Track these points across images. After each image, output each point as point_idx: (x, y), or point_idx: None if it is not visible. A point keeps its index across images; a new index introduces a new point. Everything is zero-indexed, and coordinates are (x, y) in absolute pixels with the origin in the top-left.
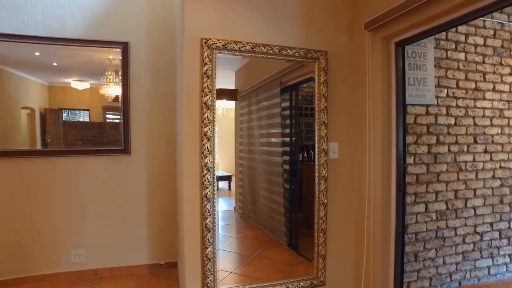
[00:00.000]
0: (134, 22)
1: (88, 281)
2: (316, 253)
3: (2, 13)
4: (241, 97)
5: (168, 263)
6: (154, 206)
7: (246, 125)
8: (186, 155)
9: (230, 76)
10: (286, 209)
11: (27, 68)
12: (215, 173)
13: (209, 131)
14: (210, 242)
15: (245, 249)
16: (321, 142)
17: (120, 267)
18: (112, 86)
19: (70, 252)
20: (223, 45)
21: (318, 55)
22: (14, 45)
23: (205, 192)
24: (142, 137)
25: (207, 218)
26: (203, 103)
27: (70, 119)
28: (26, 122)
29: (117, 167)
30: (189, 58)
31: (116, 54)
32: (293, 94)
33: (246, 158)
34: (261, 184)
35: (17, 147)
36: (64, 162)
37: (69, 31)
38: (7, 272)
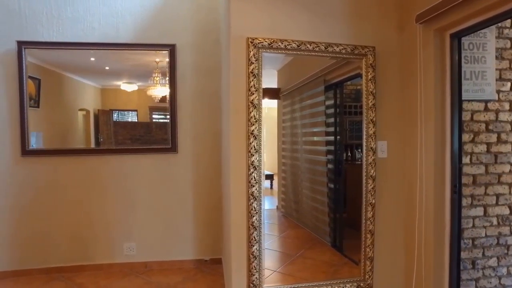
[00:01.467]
0: (180, 25)
1: (139, 272)
2: (363, 255)
3: (66, 24)
4: (283, 96)
5: (212, 259)
6: (199, 203)
7: (289, 124)
8: (233, 153)
9: (272, 75)
10: (330, 209)
11: (84, 73)
12: (262, 171)
13: (255, 129)
14: (256, 240)
15: (288, 248)
16: (369, 141)
17: (168, 261)
18: (159, 87)
19: (122, 245)
20: (269, 44)
21: (366, 51)
22: (73, 52)
23: (252, 190)
24: (188, 136)
25: (254, 216)
26: (250, 102)
27: (120, 120)
28: (82, 123)
29: (165, 165)
30: (235, 58)
31: (163, 56)
32: (338, 92)
33: (289, 157)
34: (304, 183)
35: (75, 146)
36: (116, 160)
37: (121, 36)
38: (70, 259)
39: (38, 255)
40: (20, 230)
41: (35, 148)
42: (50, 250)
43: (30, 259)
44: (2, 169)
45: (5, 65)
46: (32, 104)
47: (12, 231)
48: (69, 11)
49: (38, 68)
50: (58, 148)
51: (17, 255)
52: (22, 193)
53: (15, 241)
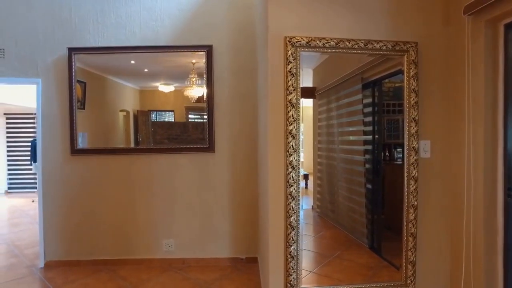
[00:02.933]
0: (216, 26)
1: (177, 268)
2: (404, 259)
3: (110, 30)
4: (319, 95)
5: (248, 258)
6: (236, 202)
7: (324, 123)
8: (271, 153)
9: (308, 74)
10: (368, 210)
11: (124, 75)
12: (300, 171)
13: (293, 129)
14: (293, 240)
15: (324, 249)
16: (411, 140)
17: (204, 258)
18: (195, 88)
19: (162, 241)
20: (307, 42)
21: (408, 47)
22: (115, 56)
23: (290, 190)
24: (225, 136)
25: (291, 216)
26: (288, 102)
27: (158, 120)
28: (123, 123)
29: (202, 164)
30: (273, 57)
31: (199, 57)
32: (376, 90)
33: (324, 157)
34: (340, 183)
35: (116, 145)
36: (155, 159)
37: (160, 39)
38: (114, 253)
39: (85, 247)
40: (69, 223)
41: (82, 147)
42: (96, 243)
43: (78, 251)
44: (55, 167)
45: (58, 70)
46: (78, 106)
47: (63, 224)
48: (112, 17)
49: (84, 72)
50: (101, 148)
51: (67, 246)
52: (71, 190)
53: (65, 233)
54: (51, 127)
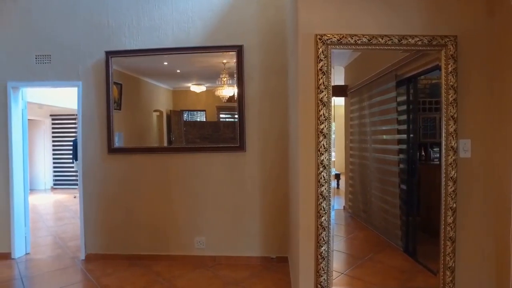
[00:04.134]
0: (247, 26)
1: (208, 266)
2: (442, 264)
3: (144, 33)
4: (351, 93)
5: (278, 257)
6: (266, 201)
7: (357, 122)
8: (302, 152)
9: (339, 72)
10: (402, 212)
11: (158, 77)
12: (331, 170)
13: (325, 128)
14: (324, 241)
15: (356, 250)
16: (449, 139)
17: (235, 257)
18: (226, 87)
19: (194, 239)
20: (338, 39)
21: (446, 41)
22: (149, 58)
23: (321, 190)
24: (256, 135)
25: (322, 217)
26: (319, 100)
27: (190, 119)
28: (156, 123)
29: (233, 163)
30: (304, 55)
31: (230, 57)
32: (411, 87)
33: (357, 156)
34: (373, 184)
35: (151, 145)
36: (187, 157)
37: (192, 40)
38: (148, 248)
39: (121, 242)
40: (107, 219)
41: (118, 146)
42: (131, 239)
43: (115, 245)
44: (93, 165)
45: (96, 73)
46: (115, 107)
47: (101, 220)
48: (146, 20)
49: (120, 74)
50: (136, 147)
51: (105, 241)
52: (108, 187)
53: (103, 228)
54: (90, 127)
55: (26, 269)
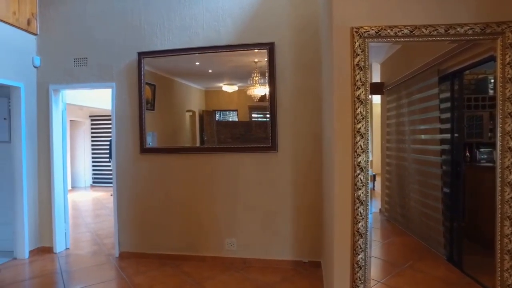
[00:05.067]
0: (278, 22)
1: (238, 268)
2: (499, 281)
3: (175, 32)
4: (388, 91)
5: (311, 261)
6: (298, 203)
7: (394, 121)
8: (337, 153)
9: (375, 69)
10: (445, 217)
11: (190, 77)
12: (369, 173)
13: (362, 127)
14: (361, 248)
15: (394, 257)
16: (506, 139)
17: (266, 260)
18: (258, 87)
19: (224, 240)
20: (376, 32)
21: (503, 28)
22: (181, 58)
23: (358, 193)
24: (288, 135)
25: (359, 222)
26: (355, 98)
27: (222, 119)
28: (189, 123)
29: (265, 164)
30: (339, 50)
31: (261, 56)
32: (455, 82)
33: (394, 157)
34: (412, 186)
35: (183, 145)
36: (219, 158)
37: (222, 38)
38: (179, 248)
39: (153, 241)
40: (139, 218)
41: (150, 146)
42: (163, 238)
43: (147, 244)
44: (126, 165)
45: (129, 74)
46: (148, 107)
47: (134, 219)
48: (177, 20)
49: (153, 75)
50: (168, 147)
51: (137, 239)
52: (140, 186)
53: (136, 227)
54: (123, 127)
55: (66, 264)
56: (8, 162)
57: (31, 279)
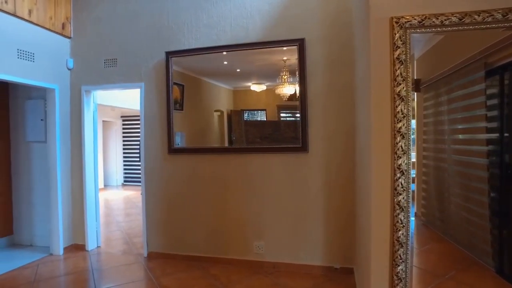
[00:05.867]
0: (308, 18)
1: (267, 272)
2: None
3: (202, 31)
4: (425, 88)
5: (343, 268)
6: (330, 207)
7: (431, 119)
8: (375, 155)
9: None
10: (493, 225)
11: (218, 77)
12: (411, 176)
13: (403, 127)
14: (402, 259)
15: (433, 265)
16: None
17: (296, 264)
18: (287, 86)
19: (252, 243)
20: (419, 22)
21: None
22: (209, 58)
23: (398, 199)
24: (319, 135)
25: (399, 230)
26: (396, 94)
27: (250, 119)
28: (217, 123)
29: (295, 165)
30: (377, 43)
31: (290, 54)
32: (505, 77)
33: (431, 158)
34: (453, 189)
35: (212, 145)
36: (248, 158)
37: (250, 36)
38: (206, 250)
39: (180, 242)
40: (167, 218)
41: (178, 147)
42: (190, 240)
43: (174, 245)
44: (155, 165)
45: (157, 74)
46: (177, 107)
47: (162, 219)
48: (205, 18)
49: (182, 75)
50: (196, 147)
51: (165, 240)
52: (168, 187)
53: (164, 227)
54: (152, 127)
55: (97, 262)
56: (45, 162)
57: (65, 276)
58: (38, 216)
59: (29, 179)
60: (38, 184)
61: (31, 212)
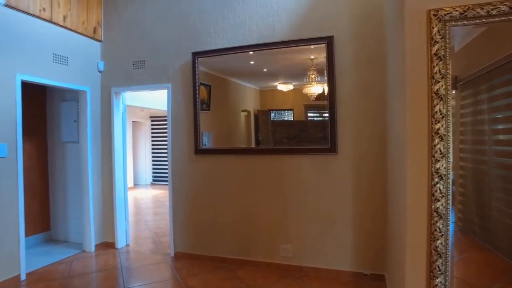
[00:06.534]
0: (337, 14)
1: (294, 276)
2: None
3: (229, 31)
4: (462, 86)
5: (373, 274)
6: (360, 210)
7: (470, 119)
8: (410, 158)
9: None
10: None
11: (245, 77)
12: (450, 181)
13: (441, 128)
14: (440, 271)
15: (474, 276)
16: None
17: (323, 269)
18: (314, 85)
19: (279, 246)
20: (461, 13)
21: None
22: (236, 58)
23: (436, 205)
24: (349, 135)
25: (438, 240)
26: (433, 93)
27: (277, 119)
28: (244, 123)
29: (324, 167)
30: (412, 38)
31: (318, 53)
32: None
33: (470, 160)
34: (494, 194)
35: (238, 145)
36: (274, 160)
37: (277, 34)
38: (232, 252)
39: (206, 243)
40: (193, 219)
41: (205, 147)
42: (216, 241)
43: (200, 246)
44: (181, 165)
45: (184, 74)
46: (204, 108)
47: (188, 219)
48: (231, 18)
49: (208, 75)
50: (223, 148)
51: (191, 240)
52: (194, 187)
53: (190, 228)
54: (179, 127)
55: (125, 260)
56: (78, 161)
57: (97, 272)
58: (72, 214)
59: (64, 178)
60: (72, 183)
61: (66, 210)
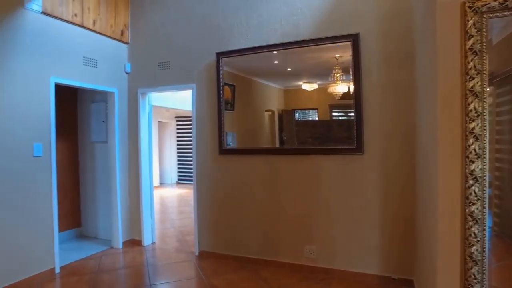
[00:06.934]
0: (362, 11)
1: (319, 278)
2: None
3: (252, 30)
4: (498, 82)
5: (401, 279)
6: (388, 212)
7: (507, 117)
8: (442, 159)
9: None
10: None
11: (269, 76)
12: (487, 184)
13: (477, 127)
14: (476, 279)
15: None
16: None
17: (349, 272)
18: (340, 84)
19: (303, 247)
20: (501, 3)
21: None
22: (259, 58)
23: (470, 209)
24: (375, 135)
25: (473, 246)
26: (468, 90)
27: (301, 119)
28: (268, 123)
29: (349, 167)
30: (444, 32)
31: (343, 51)
32: None
33: (506, 161)
34: None
35: (262, 145)
36: (298, 160)
37: (301, 33)
38: (256, 252)
39: (230, 243)
40: (217, 218)
41: (229, 147)
42: (240, 241)
43: (224, 245)
44: (206, 165)
45: (208, 75)
46: (228, 108)
47: (212, 219)
48: (254, 17)
49: (232, 75)
50: (247, 148)
51: (215, 239)
52: (219, 187)
53: (214, 227)
54: (203, 127)
55: (151, 257)
56: (106, 161)
57: (124, 269)
58: (101, 211)
59: (94, 177)
60: (101, 181)
61: (95, 207)
